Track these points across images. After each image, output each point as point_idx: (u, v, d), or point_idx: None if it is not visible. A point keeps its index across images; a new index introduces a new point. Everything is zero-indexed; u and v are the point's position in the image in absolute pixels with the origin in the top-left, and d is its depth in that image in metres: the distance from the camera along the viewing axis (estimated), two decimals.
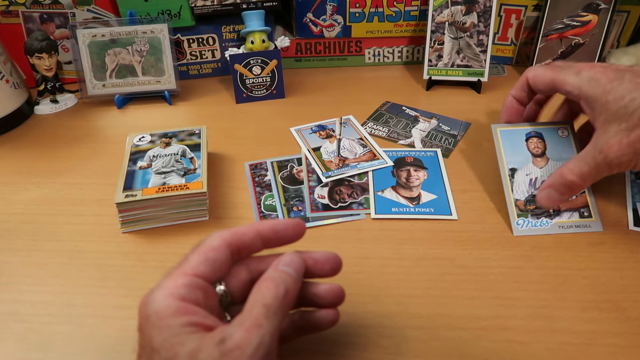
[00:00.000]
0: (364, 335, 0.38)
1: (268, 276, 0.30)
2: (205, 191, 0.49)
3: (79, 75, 0.74)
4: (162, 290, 0.28)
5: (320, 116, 0.69)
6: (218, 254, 0.30)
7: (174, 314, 0.27)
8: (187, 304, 0.28)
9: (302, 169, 0.58)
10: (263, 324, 0.27)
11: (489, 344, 0.37)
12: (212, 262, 0.30)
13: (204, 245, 0.31)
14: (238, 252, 0.32)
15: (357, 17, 0.80)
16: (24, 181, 0.58)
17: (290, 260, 0.32)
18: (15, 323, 0.41)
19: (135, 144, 0.56)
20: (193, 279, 0.29)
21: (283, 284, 0.29)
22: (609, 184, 0.51)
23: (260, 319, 0.27)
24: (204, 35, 0.80)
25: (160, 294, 0.28)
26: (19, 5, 0.75)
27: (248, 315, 0.27)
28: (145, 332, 0.27)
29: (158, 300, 0.27)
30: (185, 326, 0.26)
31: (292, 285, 0.30)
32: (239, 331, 0.26)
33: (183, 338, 0.26)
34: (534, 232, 0.47)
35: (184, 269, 0.29)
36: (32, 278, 0.45)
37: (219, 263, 0.30)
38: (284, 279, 0.30)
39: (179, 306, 0.27)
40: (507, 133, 0.49)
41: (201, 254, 0.30)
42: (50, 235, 0.50)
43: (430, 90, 0.77)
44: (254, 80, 0.74)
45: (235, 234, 0.32)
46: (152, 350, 0.26)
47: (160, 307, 0.27)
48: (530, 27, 0.79)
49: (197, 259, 0.30)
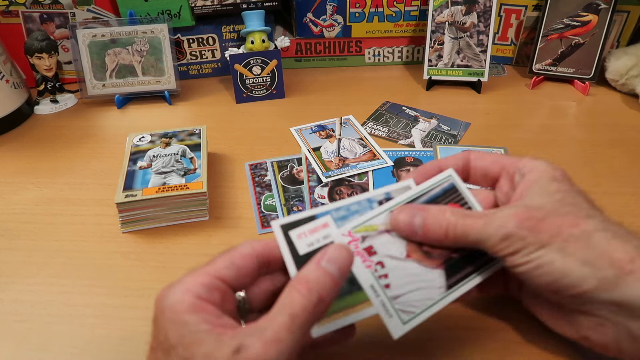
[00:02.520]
0: (364, 335, 0.38)
1: (304, 276, 0.28)
2: (205, 191, 0.49)
3: (79, 75, 0.74)
4: (180, 285, 0.28)
5: (320, 116, 0.69)
6: (245, 261, 0.30)
7: (187, 310, 0.26)
8: (202, 302, 0.27)
9: (302, 169, 0.58)
10: (284, 338, 0.25)
11: (489, 344, 0.37)
12: (237, 269, 0.30)
13: (234, 251, 0.30)
14: (267, 264, 0.31)
15: (357, 17, 0.80)
16: (24, 181, 0.58)
17: (338, 256, 0.29)
18: (15, 323, 0.41)
19: (135, 144, 0.56)
20: (214, 280, 0.28)
21: (317, 289, 0.27)
22: None
23: (282, 332, 0.25)
24: (204, 35, 0.80)
25: (177, 289, 0.28)
26: (19, 5, 0.75)
27: (270, 324, 0.26)
28: (160, 325, 0.27)
29: (174, 295, 0.27)
30: (201, 323, 0.26)
31: (330, 289, 0.28)
32: (257, 343, 0.25)
33: (201, 337, 0.25)
34: None
35: (207, 269, 0.29)
36: (32, 278, 0.45)
37: (244, 270, 0.30)
38: (321, 283, 0.27)
39: (194, 303, 0.27)
40: (445, 150, 0.53)
41: (228, 258, 0.30)
42: (50, 235, 0.50)
43: (430, 90, 0.77)
44: (254, 80, 0.74)
45: (267, 246, 0.31)
46: (169, 346, 0.26)
47: (175, 301, 0.27)
48: (530, 27, 0.79)
49: (223, 262, 0.30)
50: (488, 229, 0.31)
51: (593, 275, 0.29)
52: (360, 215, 0.34)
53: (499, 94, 0.75)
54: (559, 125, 0.67)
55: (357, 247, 0.33)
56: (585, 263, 0.29)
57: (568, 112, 0.70)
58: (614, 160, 0.59)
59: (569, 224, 0.30)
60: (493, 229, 0.31)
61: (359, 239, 0.33)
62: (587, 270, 0.29)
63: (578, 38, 0.73)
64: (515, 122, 0.67)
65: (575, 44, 0.73)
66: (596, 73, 0.73)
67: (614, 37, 0.77)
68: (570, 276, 0.29)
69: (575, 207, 0.31)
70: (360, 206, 0.34)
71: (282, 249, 0.32)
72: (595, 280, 0.29)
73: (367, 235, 0.33)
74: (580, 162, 0.59)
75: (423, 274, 0.33)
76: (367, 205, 0.34)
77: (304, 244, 0.32)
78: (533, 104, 0.72)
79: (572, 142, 0.63)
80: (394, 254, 0.33)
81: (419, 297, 0.33)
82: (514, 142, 0.62)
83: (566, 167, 0.58)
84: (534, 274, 0.30)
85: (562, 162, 0.58)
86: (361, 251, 0.33)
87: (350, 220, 0.34)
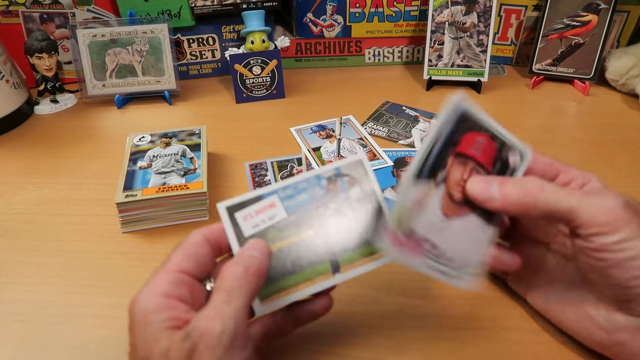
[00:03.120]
0: (364, 335, 0.38)
1: (229, 262, 0.30)
2: (205, 191, 0.49)
3: (79, 75, 0.74)
4: (147, 288, 0.28)
5: (320, 116, 0.69)
6: (199, 248, 0.31)
7: (156, 310, 0.27)
8: (169, 300, 0.28)
9: (302, 169, 0.58)
10: (224, 310, 0.27)
11: (489, 344, 0.37)
12: (195, 257, 0.30)
13: (185, 243, 0.31)
14: (219, 247, 0.32)
15: (357, 17, 0.80)
16: (24, 181, 0.58)
17: (253, 244, 0.31)
18: (15, 323, 0.41)
19: (135, 144, 0.56)
20: (177, 275, 0.29)
21: (242, 262, 0.29)
22: None
23: (220, 305, 0.27)
24: (204, 35, 0.80)
25: (145, 292, 0.28)
26: (19, 5, 0.75)
27: (209, 304, 0.27)
28: (133, 331, 0.28)
29: (143, 299, 0.28)
30: (165, 321, 0.27)
31: (254, 263, 0.30)
32: (201, 322, 0.26)
33: (159, 335, 0.26)
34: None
35: (167, 265, 0.30)
36: (32, 278, 0.45)
37: (201, 258, 0.31)
38: (243, 259, 0.30)
39: (161, 302, 0.27)
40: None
41: (183, 250, 0.30)
42: (50, 235, 0.50)
43: (430, 90, 0.77)
44: (254, 80, 0.74)
45: (214, 230, 0.32)
46: (134, 348, 0.27)
47: (145, 305, 0.28)
48: (530, 27, 0.79)
49: (180, 255, 0.30)
50: (589, 200, 0.30)
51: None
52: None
53: (499, 94, 0.75)
54: (559, 125, 0.67)
55: (401, 244, 0.31)
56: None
57: (568, 112, 0.70)
58: (614, 160, 0.59)
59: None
60: (596, 201, 0.30)
61: (397, 232, 0.31)
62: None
63: (578, 38, 0.73)
64: (515, 122, 0.67)
65: (575, 44, 0.73)
66: (596, 73, 0.73)
67: (614, 37, 0.77)
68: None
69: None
70: (309, 184, 0.34)
71: (228, 230, 0.32)
72: None
73: (401, 221, 0.31)
74: (580, 162, 0.59)
75: (464, 225, 0.33)
76: (315, 182, 0.34)
77: (250, 226, 0.33)
78: (533, 104, 0.72)
79: (572, 142, 0.63)
80: (433, 220, 0.32)
81: (470, 246, 0.33)
82: None
83: None
84: (621, 262, 0.30)
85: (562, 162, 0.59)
86: (406, 244, 0.31)
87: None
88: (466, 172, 0.33)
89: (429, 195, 0.32)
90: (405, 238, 0.31)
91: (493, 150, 0.34)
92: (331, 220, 0.33)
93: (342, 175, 0.34)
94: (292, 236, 0.33)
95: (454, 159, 0.33)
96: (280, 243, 0.33)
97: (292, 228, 0.33)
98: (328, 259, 0.33)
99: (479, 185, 0.33)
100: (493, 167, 0.34)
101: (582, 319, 0.34)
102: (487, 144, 0.34)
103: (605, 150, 0.61)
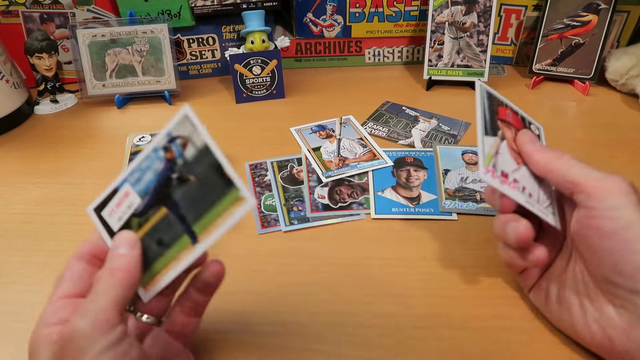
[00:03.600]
0: (364, 335, 0.38)
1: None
2: None
3: (79, 75, 0.74)
4: (39, 322, 0.30)
5: (320, 116, 0.69)
6: (73, 271, 0.32)
7: (44, 339, 0.28)
8: (58, 325, 0.29)
9: (302, 169, 0.58)
10: (87, 307, 0.28)
11: (489, 344, 0.37)
12: (70, 279, 0.31)
13: (62, 271, 0.32)
14: (97, 257, 0.33)
15: (357, 17, 0.80)
16: (24, 181, 0.58)
17: (119, 238, 0.31)
18: (15, 323, 0.41)
19: (135, 144, 0.56)
20: (60, 301, 0.30)
21: (108, 265, 0.30)
22: None
23: (85, 305, 0.28)
24: (204, 35, 0.80)
25: (37, 328, 0.29)
26: (19, 5, 0.75)
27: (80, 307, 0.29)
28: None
29: (36, 334, 0.29)
30: (50, 345, 0.28)
31: (122, 261, 0.30)
32: (68, 323, 0.28)
33: (42, 347, 0.28)
34: (458, 211, 0.51)
35: (52, 296, 0.31)
36: (32, 278, 0.45)
37: (77, 276, 0.31)
38: (112, 262, 0.30)
39: (50, 332, 0.28)
40: (445, 150, 0.60)
41: (60, 279, 0.32)
42: (50, 235, 0.50)
43: (430, 90, 0.77)
44: (254, 80, 0.74)
45: (87, 244, 0.33)
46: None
47: (37, 340, 0.29)
48: (530, 27, 0.79)
49: (60, 281, 0.31)
50: (596, 172, 0.34)
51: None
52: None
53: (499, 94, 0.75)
54: (559, 125, 0.67)
55: (500, 177, 0.35)
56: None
57: (568, 112, 0.70)
58: (614, 160, 0.59)
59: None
60: (602, 174, 0.34)
61: (494, 170, 0.35)
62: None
63: (578, 38, 0.73)
64: None
65: (575, 44, 0.73)
66: (596, 73, 0.73)
67: (614, 37, 0.77)
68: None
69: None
70: (150, 160, 0.32)
71: (100, 231, 0.33)
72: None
73: (493, 162, 0.36)
74: None
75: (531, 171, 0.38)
76: (154, 156, 0.32)
77: (116, 220, 0.33)
78: (533, 104, 0.72)
79: (572, 142, 0.63)
80: (511, 165, 0.37)
81: (544, 188, 0.38)
82: None
83: None
84: (616, 231, 0.31)
85: None
86: (503, 179, 0.35)
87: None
88: (512, 132, 0.39)
89: (500, 145, 0.37)
90: (500, 175, 0.35)
91: (519, 121, 0.41)
92: (177, 191, 0.31)
93: (174, 139, 0.31)
94: (150, 219, 0.32)
95: (501, 123, 0.39)
96: (143, 229, 0.32)
97: (149, 210, 0.32)
98: (185, 232, 0.31)
99: (526, 136, 0.38)
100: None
101: (579, 317, 0.34)
102: (514, 115, 0.41)
103: (605, 150, 0.61)
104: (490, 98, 0.39)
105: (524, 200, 0.36)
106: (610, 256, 0.32)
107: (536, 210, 0.36)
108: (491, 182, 0.35)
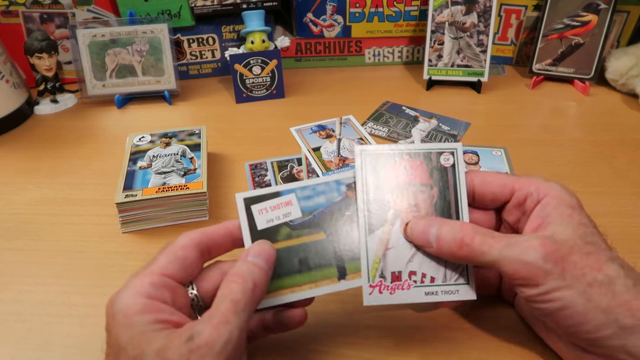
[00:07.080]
0: (364, 335, 0.38)
1: (236, 270, 0.30)
2: (205, 191, 0.49)
3: (79, 75, 0.74)
4: (128, 289, 0.28)
5: (320, 116, 0.69)
6: (187, 252, 0.30)
7: (140, 312, 0.27)
8: (153, 302, 0.28)
9: (302, 169, 0.58)
10: (231, 320, 0.27)
11: (489, 344, 0.37)
12: (181, 261, 0.30)
13: (172, 245, 0.31)
14: (208, 251, 0.32)
15: (357, 17, 0.80)
16: (24, 181, 0.58)
17: (260, 250, 0.31)
18: (15, 323, 0.41)
19: (135, 144, 0.56)
20: (160, 277, 0.29)
21: (251, 277, 0.29)
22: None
23: (228, 314, 0.27)
24: (204, 35, 0.80)
25: (126, 293, 0.28)
26: (19, 5, 0.75)
27: (216, 311, 0.27)
28: (113, 331, 0.27)
29: (124, 299, 0.28)
30: (152, 323, 0.27)
31: (261, 277, 0.30)
32: (207, 328, 0.26)
33: (150, 335, 0.26)
34: None
35: (151, 268, 0.29)
36: (32, 278, 0.45)
37: (188, 262, 0.30)
38: (252, 272, 0.30)
39: (145, 304, 0.27)
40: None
41: (170, 254, 0.30)
42: (50, 235, 0.50)
43: (430, 90, 0.77)
44: (254, 80, 0.74)
45: (204, 233, 0.32)
46: (119, 348, 0.26)
47: (126, 305, 0.27)
48: (530, 27, 0.79)
49: (165, 258, 0.30)
50: (510, 252, 0.30)
51: (613, 324, 0.28)
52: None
53: (499, 94, 0.75)
54: (559, 125, 0.67)
55: (391, 284, 0.33)
56: (606, 311, 0.28)
57: (568, 112, 0.70)
58: (614, 160, 0.59)
59: (593, 266, 0.29)
60: (516, 254, 0.30)
61: (381, 282, 0.33)
62: (607, 318, 0.28)
63: (578, 38, 0.73)
64: (515, 122, 0.67)
65: (575, 44, 0.73)
66: (596, 73, 0.73)
67: (614, 37, 0.77)
68: (591, 322, 0.29)
69: (596, 247, 0.30)
70: (328, 187, 0.34)
71: (242, 222, 0.33)
72: (613, 329, 0.28)
73: (379, 271, 0.33)
74: (580, 162, 0.59)
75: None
76: (334, 187, 0.34)
77: (264, 220, 0.33)
78: (533, 104, 0.72)
79: (572, 142, 0.63)
80: (405, 252, 0.33)
81: (447, 261, 0.34)
82: (514, 142, 0.62)
83: (566, 167, 0.59)
84: (553, 312, 0.30)
85: (562, 162, 0.59)
86: (395, 285, 0.33)
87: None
88: (411, 199, 0.34)
89: (389, 234, 0.33)
90: (390, 282, 0.33)
91: (420, 166, 0.35)
92: (344, 227, 0.33)
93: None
94: (303, 236, 0.33)
95: (394, 194, 0.34)
96: (291, 241, 0.33)
97: (305, 228, 0.33)
98: (336, 264, 0.33)
99: (418, 227, 0.33)
100: (431, 177, 0.35)
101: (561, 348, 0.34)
102: (411, 164, 0.35)
103: (605, 150, 0.61)
104: (377, 160, 0.34)
105: (421, 297, 0.33)
106: (561, 329, 0.31)
107: (439, 298, 0.33)
108: (379, 303, 0.32)
